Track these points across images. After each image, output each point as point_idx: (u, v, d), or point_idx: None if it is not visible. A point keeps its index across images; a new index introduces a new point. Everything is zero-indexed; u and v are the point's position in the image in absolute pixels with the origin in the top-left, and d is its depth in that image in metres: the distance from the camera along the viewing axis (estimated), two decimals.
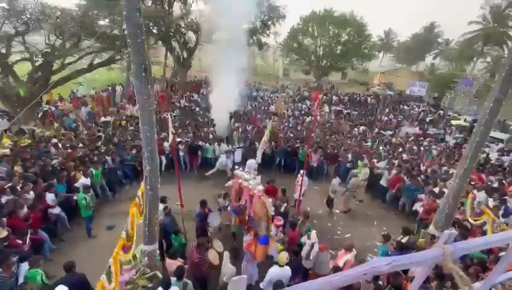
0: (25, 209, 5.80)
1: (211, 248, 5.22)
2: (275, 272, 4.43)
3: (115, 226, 7.10)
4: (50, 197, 6.48)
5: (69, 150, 8.83)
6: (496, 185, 8.45)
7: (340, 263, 5.04)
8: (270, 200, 5.56)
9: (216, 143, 10.69)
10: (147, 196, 4.74)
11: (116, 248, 3.83)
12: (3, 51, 11.94)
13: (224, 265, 4.89)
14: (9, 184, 6.32)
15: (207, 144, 10.62)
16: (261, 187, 5.61)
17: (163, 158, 9.81)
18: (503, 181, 8.65)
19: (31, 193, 6.32)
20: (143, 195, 4.80)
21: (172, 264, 4.65)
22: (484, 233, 6.14)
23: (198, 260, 4.77)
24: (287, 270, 4.51)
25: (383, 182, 9.26)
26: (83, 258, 6.02)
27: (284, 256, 4.53)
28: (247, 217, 6.03)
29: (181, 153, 10.25)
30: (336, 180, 8.53)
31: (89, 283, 4.48)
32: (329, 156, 10.92)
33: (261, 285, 4.62)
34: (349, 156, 10.59)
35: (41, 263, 4.60)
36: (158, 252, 5.25)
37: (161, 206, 5.90)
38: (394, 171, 9.01)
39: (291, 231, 6.06)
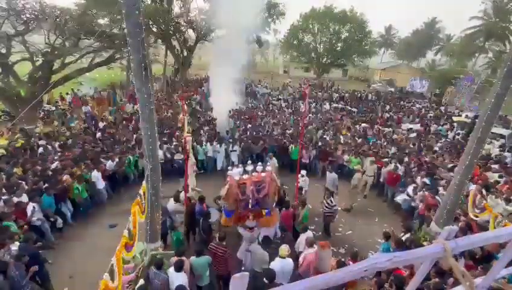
0: None
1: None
2: (278, 265, 4.60)
3: (117, 224, 7.14)
4: (30, 207, 6.01)
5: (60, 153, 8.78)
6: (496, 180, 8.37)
7: (301, 259, 5.08)
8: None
9: (208, 143, 10.50)
10: (148, 194, 4.78)
11: (119, 246, 3.86)
12: (4, 51, 11.96)
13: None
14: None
15: (198, 146, 10.23)
16: (269, 168, 6.21)
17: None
18: (501, 178, 8.53)
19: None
20: (145, 193, 4.83)
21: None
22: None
23: (223, 253, 4.87)
24: (289, 262, 4.70)
25: (382, 179, 9.35)
26: (85, 256, 6.09)
27: (284, 249, 4.73)
28: (249, 206, 6.21)
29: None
30: (331, 175, 8.59)
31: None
32: (320, 151, 10.76)
33: None
34: (345, 156, 10.52)
35: None
36: (160, 249, 5.29)
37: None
38: (392, 167, 9.04)
39: (284, 211, 6.59)
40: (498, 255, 4.78)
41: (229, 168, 6.84)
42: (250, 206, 6.18)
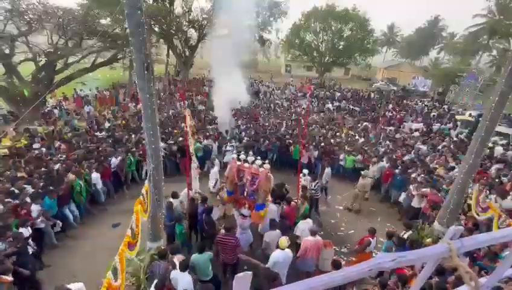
0: None
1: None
2: (277, 256, 4.72)
3: (120, 223, 7.17)
4: (35, 208, 5.89)
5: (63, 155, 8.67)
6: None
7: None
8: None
9: (205, 140, 10.39)
10: (151, 194, 4.79)
11: (122, 245, 3.87)
12: (7, 51, 12.03)
13: None
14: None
15: (197, 143, 10.01)
16: (267, 166, 6.28)
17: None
18: (504, 177, 8.44)
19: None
20: (147, 193, 4.85)
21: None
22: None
23: (232, 242, 4.98)
24: (288, 253, 4.82)
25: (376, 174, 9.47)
26: (88, 256, 6.13)
27: (284, 240, 4.79)
28: (245, 194, 6.43)
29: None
30: (328, 170, 8.92)
31: None
32: (324, 150, 10.67)
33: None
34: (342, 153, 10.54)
35: None
36: (162, 248, 5.31)
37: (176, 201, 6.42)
38: (385, 164, 9.19)
39: (287, 207, 6.61)
40: (502, 254, 4.74)
41: (233, 156, 6.90)
42: (245, 194, 6.38)
